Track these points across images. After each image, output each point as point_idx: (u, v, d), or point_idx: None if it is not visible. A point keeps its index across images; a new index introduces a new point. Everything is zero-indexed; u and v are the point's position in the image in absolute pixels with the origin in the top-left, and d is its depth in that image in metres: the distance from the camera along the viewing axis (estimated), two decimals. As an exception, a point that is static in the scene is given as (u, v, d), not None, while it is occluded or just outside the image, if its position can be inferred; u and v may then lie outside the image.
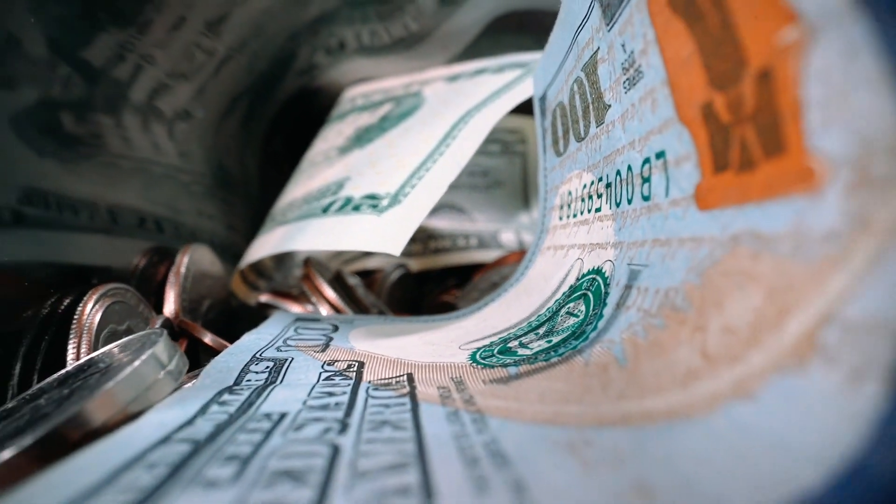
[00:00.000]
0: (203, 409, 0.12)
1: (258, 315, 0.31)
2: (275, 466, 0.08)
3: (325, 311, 0.26)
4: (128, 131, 0.31)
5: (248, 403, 0.12)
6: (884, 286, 0.07)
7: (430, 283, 0.40)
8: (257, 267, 0.35)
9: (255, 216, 0.44)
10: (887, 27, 0.06)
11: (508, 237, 0.40)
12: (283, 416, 0.11)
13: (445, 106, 0.29)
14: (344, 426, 0.10)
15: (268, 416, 0.11)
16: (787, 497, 0.06)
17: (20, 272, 0.22)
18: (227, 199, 0.43)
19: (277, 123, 0.48)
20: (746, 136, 0.09)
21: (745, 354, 0.08)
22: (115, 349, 0.16)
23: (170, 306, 0.24)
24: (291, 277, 0.38)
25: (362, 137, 0.32)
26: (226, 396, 0.13)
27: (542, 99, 0.24)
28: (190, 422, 0.11)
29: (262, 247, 0.29)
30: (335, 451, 0.09)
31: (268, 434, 0.10)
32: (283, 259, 0.39)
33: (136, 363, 0.12)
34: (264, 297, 0.29)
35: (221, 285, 0.31)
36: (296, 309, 0.28)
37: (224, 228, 0.39)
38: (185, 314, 0.26)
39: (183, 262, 0.26)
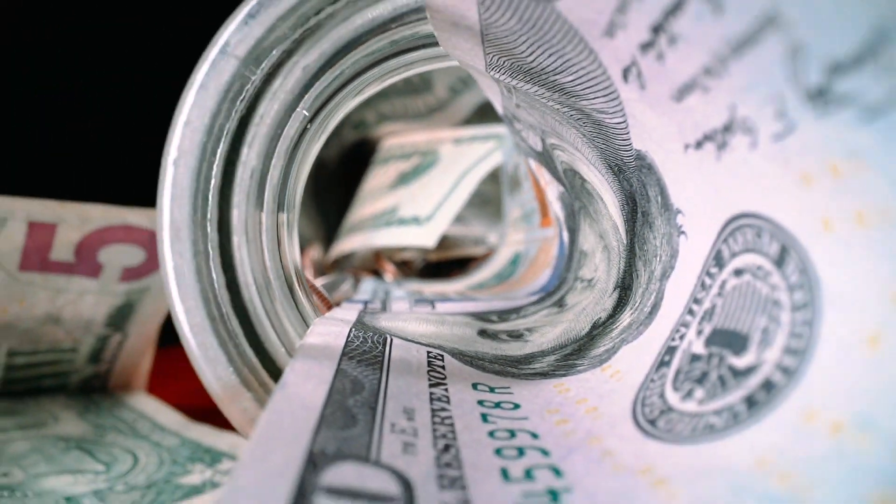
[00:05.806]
0: (372, 297, 0.34)
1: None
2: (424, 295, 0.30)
3: (389, 278, 0.48)
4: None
5: (387, 297, 0.34)
6: (562, 252, 0.29)
7: (442, 269, 0.62)
8: (335, 259, 0.57)
9: (326, 226, 0.66)
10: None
11: (493, 238, 0.62)
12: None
13: (453, 164, 0.51)
14: (425, 299, 0.32)
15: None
16: (540, 288, 0.28)
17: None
18: (307, 214, 0.65)
19: (338, 162, 0.70)
20: (543, 207, 0.31)
21: (541, 270, 0.31)
22: (319, 285, 0.38)
23: (308, 275, 0.46)
24: (350, 264, 0.60)
25: (404, 179, 0.54)
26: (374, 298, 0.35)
27: (504, 165, 0.46)
28: (370, 299, 0.33)
29: (349, 244, 0.51)
30: (430, 302, 0.31)
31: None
32: (347, 255, 0.61)
33: (346, 286, 0.34)
34: (349, 273, 0.51)
35: (322, 268, 0.53)
36: (369, 278, 0.50)
37: (312, 233, 0.61)
38: (312, 280, 0.48)
39: (311, 251, 0.48)
